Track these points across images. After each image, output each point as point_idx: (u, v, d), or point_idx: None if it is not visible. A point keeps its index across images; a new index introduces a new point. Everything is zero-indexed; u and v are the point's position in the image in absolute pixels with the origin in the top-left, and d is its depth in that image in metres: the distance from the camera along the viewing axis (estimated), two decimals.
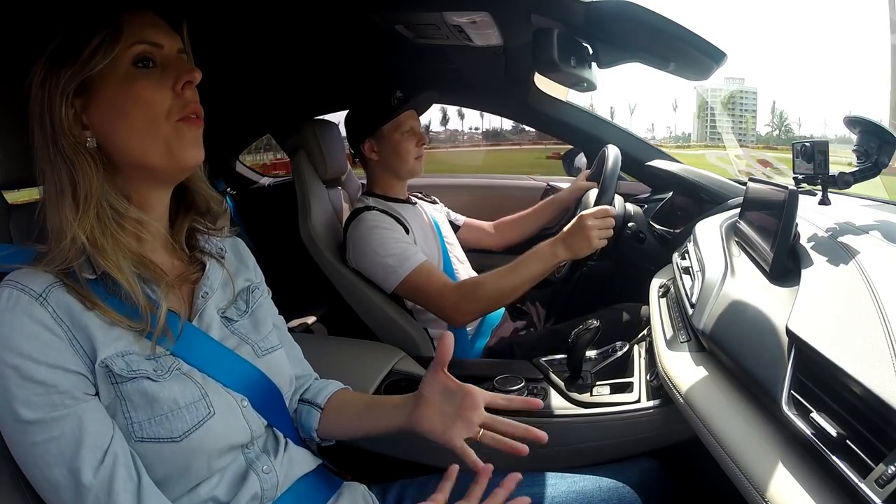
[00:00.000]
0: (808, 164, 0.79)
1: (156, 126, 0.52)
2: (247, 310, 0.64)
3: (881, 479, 0.38)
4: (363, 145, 1.27)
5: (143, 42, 0.52)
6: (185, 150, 0.54)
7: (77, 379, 0.49)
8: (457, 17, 0.88)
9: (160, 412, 0.51)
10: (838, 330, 0.50)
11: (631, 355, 1.03)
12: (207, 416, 0.53)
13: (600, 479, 0.74)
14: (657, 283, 1.08)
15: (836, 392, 0.46)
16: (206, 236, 0.65)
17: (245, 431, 0.57)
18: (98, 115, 0.52)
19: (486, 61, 1.20)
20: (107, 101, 0.51)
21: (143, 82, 0.52)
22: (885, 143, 0.74)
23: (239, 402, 0.57)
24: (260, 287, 0.70)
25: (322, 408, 0.69)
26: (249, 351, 0.61)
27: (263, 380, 0.61)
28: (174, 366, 0.53)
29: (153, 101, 0.52)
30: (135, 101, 0.51)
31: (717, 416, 0.60)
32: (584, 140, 1.57)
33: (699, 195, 1.31)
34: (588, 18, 0.73)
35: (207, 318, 0.59)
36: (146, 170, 0.54)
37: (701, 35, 0.66)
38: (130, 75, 0.51)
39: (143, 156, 0.53)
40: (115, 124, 0.52)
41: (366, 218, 1.19)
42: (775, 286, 0.67)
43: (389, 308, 1.22)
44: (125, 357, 0.51)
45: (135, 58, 0.52)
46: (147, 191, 0.56)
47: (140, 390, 0.50)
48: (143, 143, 0.52)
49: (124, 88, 0.51)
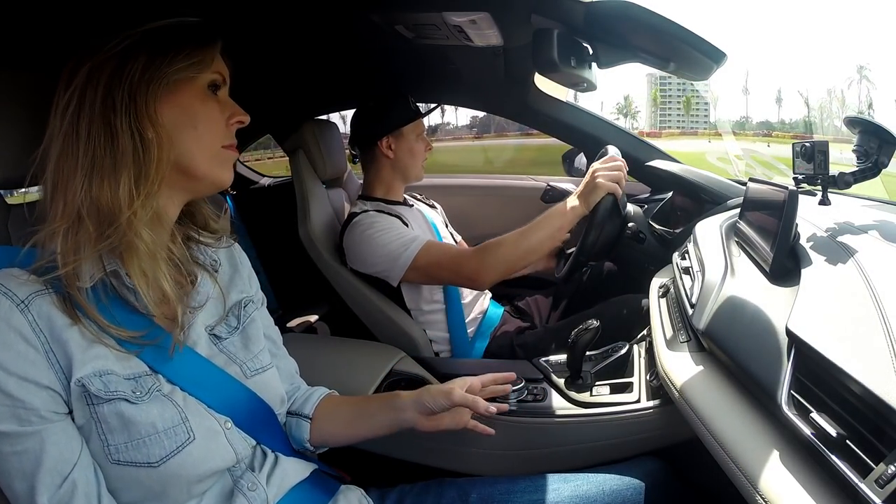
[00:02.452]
0: (808, 164, 0.79)
1: (213, 142, 0.57)
2: (237, 326, 0.63)
3: (881, 479, 0.38)
4: (381, 142, 1.27)
5: (219, 73, 0.58)
6: (224, 170, 0.59)
7: (48, 396, 0.47)
8: (457, 18, 0.88)
9: (137, 436, 0.49)
10: (838, 330, 0.50)
11: (631, 355, 1.03)
12: (187, 441, 0.51)
13: (603, 481, 0.74)
14: (657, 283, 1.08)
15: (836, 392, 0.46)
16: (201, 246, 0.64)
17: (228, 455, 0.56)
18: (171, 116, 0.54)
19: (486, 61, 1.20)
20: (184, 107, 0.55)
21: (214, 105, 0.57)
22: (885, 144, 0.74)
23: (223, 425, 0.56)
24: (254, 300, 0.68)
25: (311, 418, 0.69)
26: (238, 371, 0.60)
27: (252, 399, 0.60)
28: (155, 387, 0.52)
29: (216, 122, 0.57)
30: (206, 118, 0.56)
31: (717, 416, 0.60)
32: (584, 140, 1.57)
33: (699, 195, 1.31)
34: (588, 18, 0.73)
35: (194, 335, 0.58)
36: (187, 175, 0.56)
37: (701, 35, 0.65)
38: (207, 95, 0.57)
39: (192, 161, 0.56)
40: (183, 130, 0.54)
41: (361, 221, 1.19)
42: (775, 286, 0.67)
43: (388, 308, 1.22)
44: (103, 377, 0.49)
45: (211, 82, 0.57)
46: (171, 196, 0.57)
47: (117, 412, 0.49)
48: (199, 151, 0.56)
49: (202, 104, 0.56)
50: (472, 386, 0.70)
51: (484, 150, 11.72)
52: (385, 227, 1.17)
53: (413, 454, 1.01)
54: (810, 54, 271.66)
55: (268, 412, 0.62)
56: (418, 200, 1.43)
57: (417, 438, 1.00)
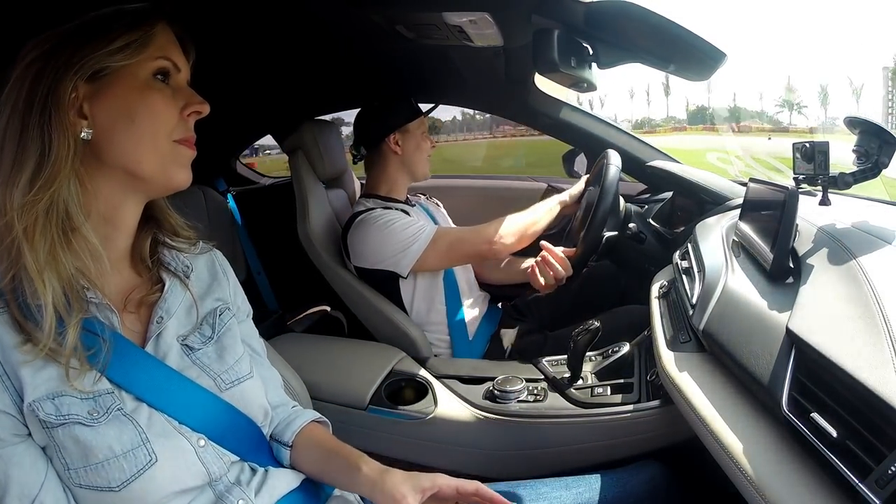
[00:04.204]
0: (808, 165, 0.79)
1: (157, 139, 0.52)
2: (212, 336, 0.59)
3: (881, 479, 0.38)
4: (389, 139, 1.29)
5: (167, 59, 0.53)
6: (177, 169, 0.54)
7: (6, 419, 0.45)
8: (457, 18, 0.88)
9: (95, 460, 0.46)
10: (838, 330, 0.50)
11: (631, 355, 1.03)
12: (148, 464, 0.48)
13: (606, 488, 0.73)
14: (657, 283, 1.08)
15: (836, 392, 0.46)
16: (173, 252, 0.60)
17: (200, 474, 0.52)
18: (104, 111, 0.50)
19: (486, 61, 1.20)
20: (119, 100, 0.50)
21: (158, 95, 0.52)
22: (886, 144, 0.73)
23: (194, 443, 0.52)
24: (231, 308, 0.64)
25: (290, 445, 0.64)
26: (211, 384, 0.56)
27: (229, 413, 0.56)
28: (114, 406, 0.48)
29: (162, 116, 0.52)
30: (146, 110, 0.51)
31: (717, 417, 0.60)
32: (585, 140, 1.57)
33: (699, 195, 1.31)
34: (588, 19, 0.74)
35: (164, 346, 0.54)
36: (134, 177, 0.52)
37: (701, 35, 0.66)
38: (149, 84, 0.52)
39: (137, 163, 0.52)
40: (120, 125, 0.50)
41: (368, 216, 1.19)
42: (775, 286, 0.67)
43: (387, 309, 1.22)
44: (55, 400, 0.46)
45: (157, 70, 0.52)
46: (122, 199, 0.53)
47: (72, 437, 0.46)
48: (141, 151, 0.51)
49: (140, 94, 0.51)
50: (442, 492, 0.56)
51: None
52: (394, 219, 1.18)
53: (412, 454, 1.02)
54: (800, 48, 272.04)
55: (249, 426, 0.59)
56: (421, 201, 1.43)
57: (416, 438, 1.00)
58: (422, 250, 1.15)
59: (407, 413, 1.01)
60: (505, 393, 0.98)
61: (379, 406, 1.02)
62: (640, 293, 1.16)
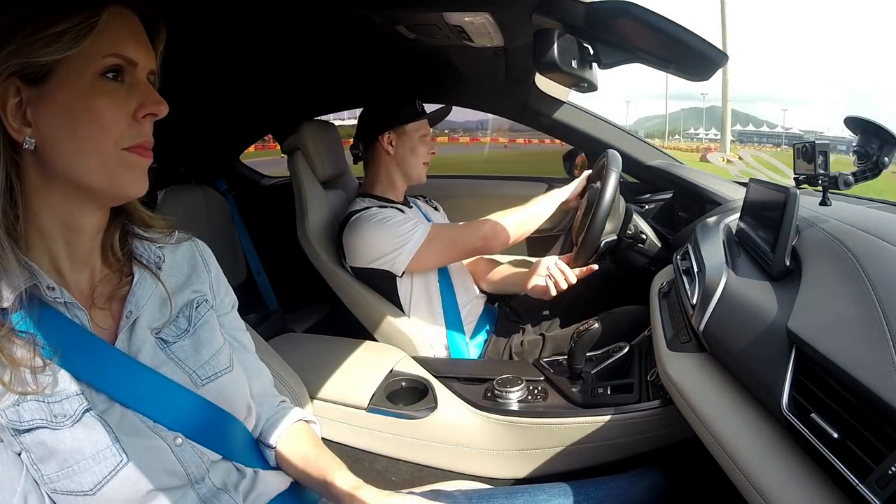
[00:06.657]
0: (808, 165, 0.79)
1: (103, 149, 0.46)
2: (188, 328, 0.56)
3: (881, 479, 0.38)
4: (382, 137, 1.27)
5: (118, 56, 0.46)
6: (126, 180, 0.49)
7: None
8: (457, 18, 0.88)
9: (65, 465, 0.45)
10: (838, 330, 0.50)
11: (632, 356, 1.03)
12: (119, 464, 0.47)
13: (606, 496, 0.73)
14: (658, 283, 1.08)
15: (836, 392, 0.46)
16: (145, 243, 0.57)
17: (178, 474, 0.51)
18: (47, 119, 0.45)
19: (486, 61, 1.20)
20: (61, 106, 0.45)
21: (104, 99, 0.46)
22: (886, 144, 0.74)
23: (170, 442, 0.51)
24: (210, 300, 0.61)
25: (274, 447, 0.63)
26: (186, 380, 0.54)
27: (208, 409, 0.54)
28: (82, 407, 0.47)
29: (107, 123, 0.46)
30: (89, 118, 0.45)
31: (717, 417, 0.60)
32: (585, 141, 1.57)
33: (699, 195, 1.31)
34: (589, 19, 0.73)
35: (138, 341, 0.52)
36: (82, 189, 0.48)
37: (702, 36, 0.66)
38: (94, 87, 0.46)
39: (81, 175, 0.47)
40: (61, 134, 0.45)
41: (363, 215, 1.19)
42: (775, 286, 0.67)
43: (385, 308, 1.22)
44: (19, 406, 0.45)
45: (104, 69, 0.46)
46: (79, 209, 0.49)
47: (39, 442, 0.45)
48: (84, 162, 0.46)
49: (83, 100, 0.45)
50: None
51: None
52: (389, 216, 1.18)
53: (412, 453, 1.02)
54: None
55: (230, 423, 0.57)
56: (420, 203, 1.42)
57: (416, 438, 1.00)
58: (417, 248, 1.14)
59: (407, 413, 1.01)
60: (505, 393, 0.98)
61: (379, 406, 1.02)
62: (640, 293, 1.16)
